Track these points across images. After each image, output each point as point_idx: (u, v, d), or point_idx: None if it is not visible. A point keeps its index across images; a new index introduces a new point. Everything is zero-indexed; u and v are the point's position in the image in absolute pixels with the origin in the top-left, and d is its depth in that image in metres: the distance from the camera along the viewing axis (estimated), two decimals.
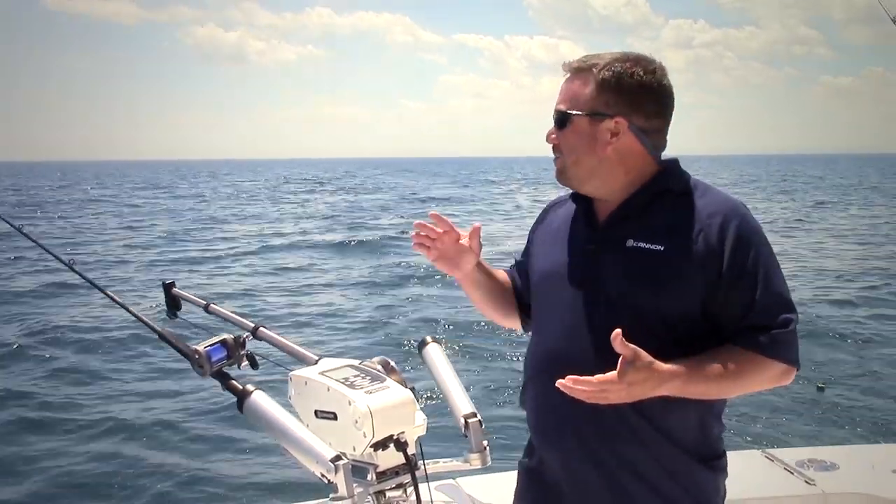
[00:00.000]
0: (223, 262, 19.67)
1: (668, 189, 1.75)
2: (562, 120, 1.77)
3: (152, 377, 9.12)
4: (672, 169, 1.79)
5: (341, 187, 61.86)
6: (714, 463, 1.74)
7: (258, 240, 24.39)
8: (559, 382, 1.54)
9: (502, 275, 2.10)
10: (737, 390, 1.68)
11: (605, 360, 1.55)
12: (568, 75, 1.79)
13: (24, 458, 6.83)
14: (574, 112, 1.75)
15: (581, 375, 1.55)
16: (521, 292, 2.05)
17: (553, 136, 1.80)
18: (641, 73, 1.73)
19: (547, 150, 1.85)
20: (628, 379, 1.51)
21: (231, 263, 19.42)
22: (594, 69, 1.74)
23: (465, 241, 1.93)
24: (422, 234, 1.93)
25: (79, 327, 11.70)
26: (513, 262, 2.13)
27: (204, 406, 7.94)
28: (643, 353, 1.52)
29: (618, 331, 1.50)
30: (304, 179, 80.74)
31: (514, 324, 2.09)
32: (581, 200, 1.86)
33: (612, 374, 1.51)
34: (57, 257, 2.62)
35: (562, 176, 1.81)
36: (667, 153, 1.84)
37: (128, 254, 20.85)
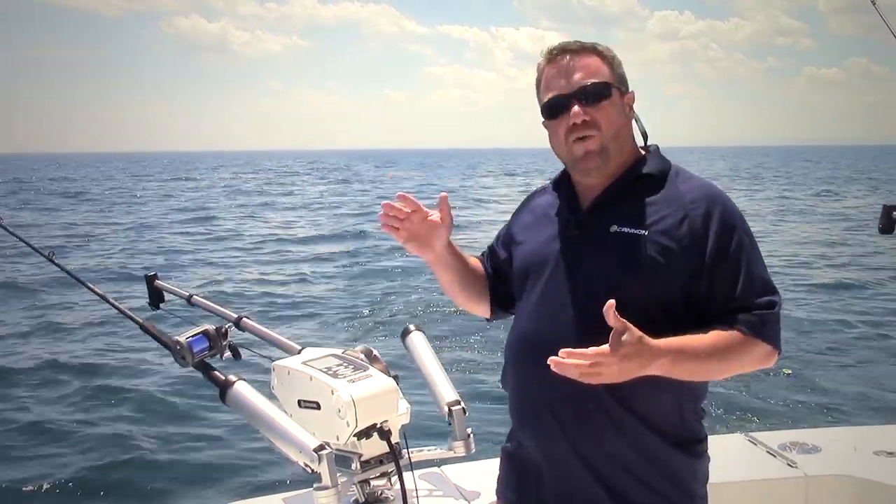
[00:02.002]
0: (205, 254, 19.53)
1: (650, 174, 1.76)
2: (600, 92, 1.72)
3: (131, 367, 9.04)
4: (654, 154, 1.82)
5: (327, 179, 61.63)
6: (694, 448, 1.74)
7: (242, 231, 24.24)
8: (551, 359, 1.49)
9: (474, 260, 2.05)
10: (722, 372, 1.68)
11: (586, 345, 1.53)
12: (567, 57, 1.75)
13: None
14: (611, 83, 1.75)
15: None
16: (491, 279, 2.02)
17: (584, 113, 1.71)
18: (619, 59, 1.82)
19: (532, 142, 1.83)
20: (622, 352, 1.48)
21: (213, 255, 19.29)
22: (598, 48, 1.79)
23: (434, 216, 1.85)
24: (390, 214, 1.85)
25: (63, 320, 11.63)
26: (486, 249, 2.08)
27: (184, 398, 7.88)
28: (633, 328, 1.50)
29: (611, 301, 1.47)
30: (290, 171, 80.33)
31: (481, 310, 2.04)
32: (564, 187, 1.86)
33: (605, 346, 1.49)
34: (35, 249, 2.59)
35: (602, 154, 1.73)
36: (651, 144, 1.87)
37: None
